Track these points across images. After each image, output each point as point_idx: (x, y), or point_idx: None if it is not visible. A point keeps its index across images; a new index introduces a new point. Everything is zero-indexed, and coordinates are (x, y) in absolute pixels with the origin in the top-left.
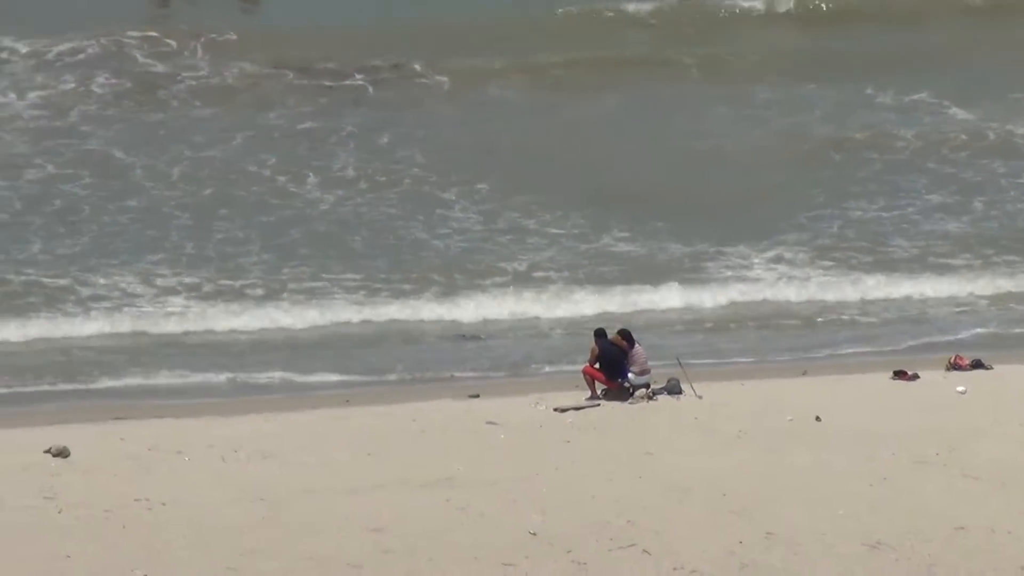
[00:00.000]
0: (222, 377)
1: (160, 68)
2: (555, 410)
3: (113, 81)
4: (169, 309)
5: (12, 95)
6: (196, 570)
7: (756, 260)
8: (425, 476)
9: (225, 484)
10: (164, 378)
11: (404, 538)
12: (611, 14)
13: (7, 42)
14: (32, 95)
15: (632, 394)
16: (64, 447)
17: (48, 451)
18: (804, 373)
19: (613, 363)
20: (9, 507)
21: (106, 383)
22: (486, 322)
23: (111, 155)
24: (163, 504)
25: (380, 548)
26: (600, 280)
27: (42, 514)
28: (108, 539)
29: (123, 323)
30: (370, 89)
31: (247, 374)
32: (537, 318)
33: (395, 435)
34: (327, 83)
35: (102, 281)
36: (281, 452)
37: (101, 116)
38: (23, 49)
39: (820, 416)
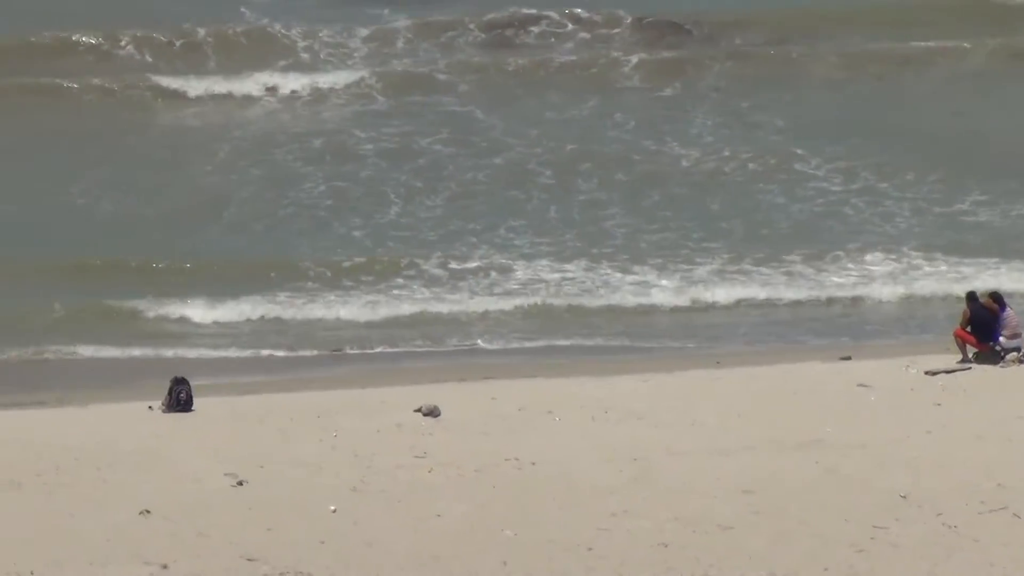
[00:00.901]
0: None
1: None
2: (926, 373)
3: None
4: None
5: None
6: (565, 530)
7: None
8: (795, 438)
9: (595, 444)
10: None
11: (774, 499)
12: None
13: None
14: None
15: (1003, 358)
16: (435, 406)
17: (419, 410)
18: None
19: (984, 326)
20: (381, 466)
21: (481, 345)
22: (856, 285)
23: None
24: (533, 464)
25: (750, 509)
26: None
27: (413, 473)
28: (478, 498)
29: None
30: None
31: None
32: (909, 282)
33: (765, 397)
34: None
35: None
36: (652, 413)
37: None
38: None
39: None
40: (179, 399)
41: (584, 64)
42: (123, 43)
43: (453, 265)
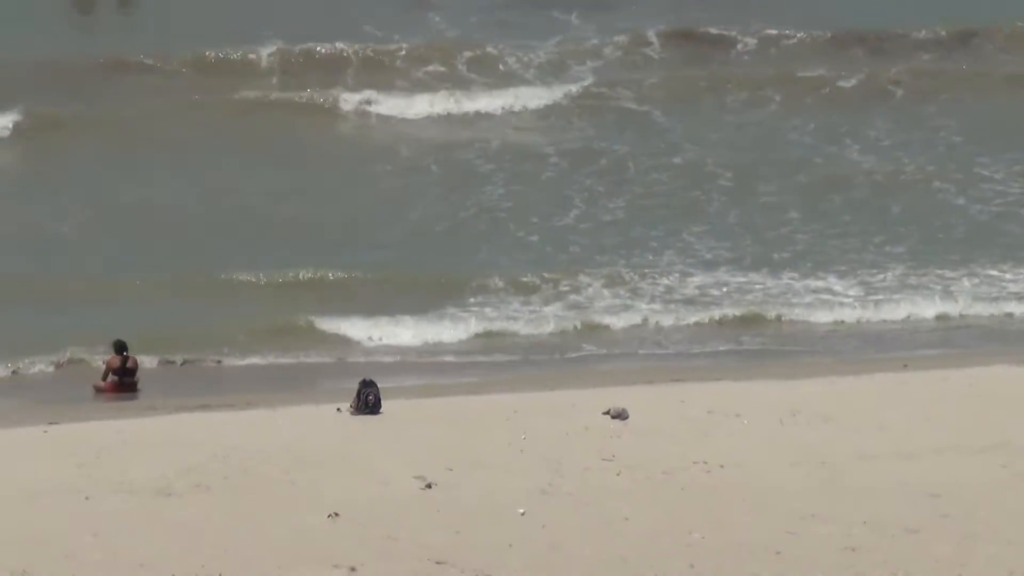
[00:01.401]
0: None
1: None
2: None
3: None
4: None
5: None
6: (754, 533)
7: None
8: (982, 441)
9: (783, 447)
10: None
11: (961, 503)
12: None
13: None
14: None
15: None
16: (623, 409)
17: (608, 413)
18: None
19: None
20: (569, 469)
21: (667, 348)
22: None
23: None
24: (721, 467)
25: (937, 512)
26: None
27: (601, 476)
28: (666, 501)
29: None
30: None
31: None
32: None
33: (952, 400)
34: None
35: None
36: (839, 416)
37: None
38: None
39: None
40: (367, 401)
41: (763, 71)
42: (313, 57)
43: (634, 270)
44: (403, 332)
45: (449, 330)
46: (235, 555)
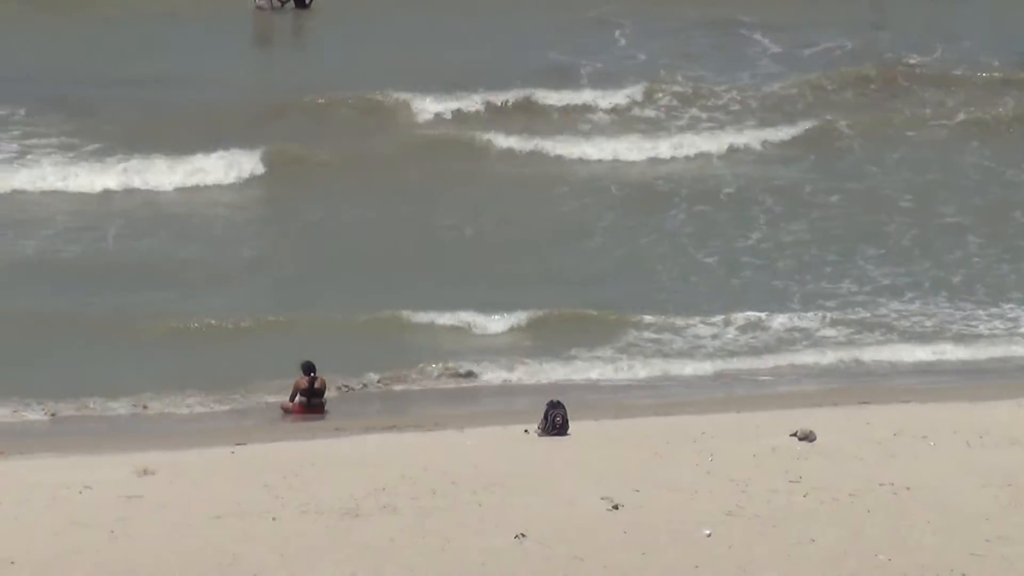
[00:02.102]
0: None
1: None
2: None
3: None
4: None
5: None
6: (940, 555)
7: None
8: None
9: (970, 470)
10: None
11: None
12: None
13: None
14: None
15: None
16: (810, 431)
17: (794, 435)
18: None
19: None
20: (756, 491)
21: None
22: None
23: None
24: (907, 489)
25: None
26: None
27: (788, 498)
28: (852, 523)
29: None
30: None
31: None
32: None
33: None
34: None
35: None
36: None
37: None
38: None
39: None
40: (555, 423)
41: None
42: (509, 106)
43: (814, 292)
44: (590, 364)
45: (635, 353)
46: None
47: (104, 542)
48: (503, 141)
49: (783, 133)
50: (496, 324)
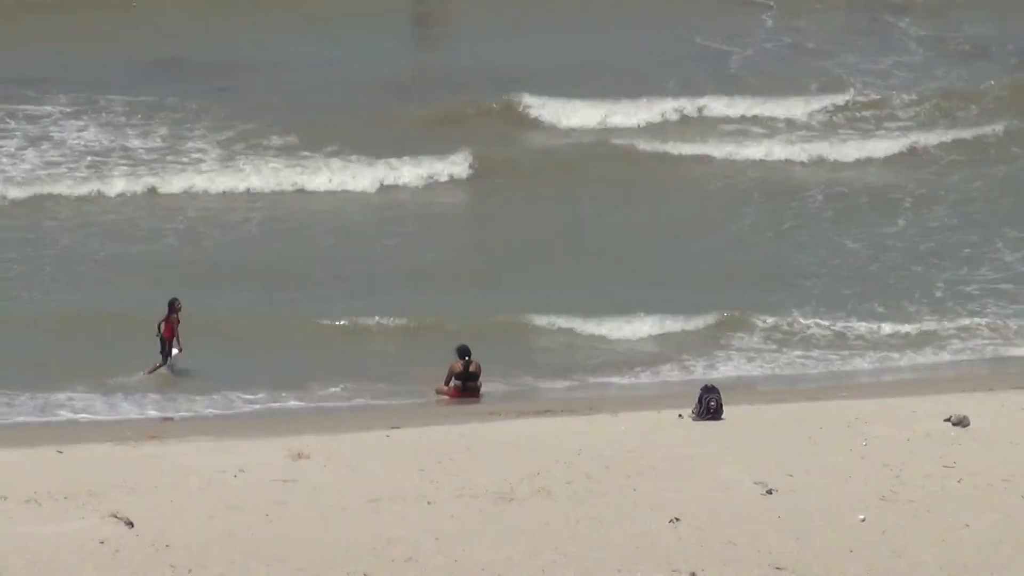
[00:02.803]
0: None
1: None
2: None
3: None
4: None
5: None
6: None
7: None
8: None
9: None
10: None
11: None
12: None
13: None
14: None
15: None
16: (964, 416)
17: (949, 420)
18: None
19: None
20: (910, 476)
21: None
22: None
23: None
24: None
25: None
26: None
27: (942, 483)
28: (1007, 509)
29: None
30: None
31: None
32: None
33: None
34: None
35: None
36: None
37: None
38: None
39: None
40: (709, 407)
41: None
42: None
43: (956, 277)
44: (747, 357)
45: (788, 331)
46: (575, 560)
47: (259, 525)
48: (671, 148)
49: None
50: (682, 324)
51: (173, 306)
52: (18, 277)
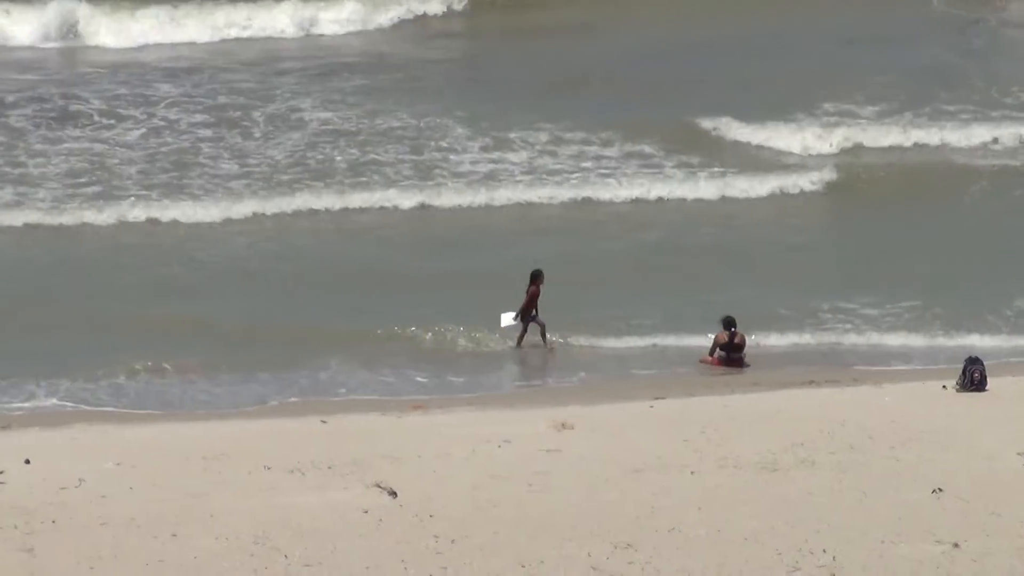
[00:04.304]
0: None
1: None
2: None
3: None
4: None
5: None
6: None
7: None
8: None
9: None
10: None
11: None
12: None
13: None
14: None
15: None
16: None
17: None
18: None
19: None
20: None
21: None
22: None
23: None
24: None
25: None
26: None
27: None
28: None
29: None
30: None
31: None
32: None
33: None
34: None
35: None
36: None
37: None
38: None
39: None
40: (973, 379)
41: None
42: None
43: None
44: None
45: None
46: (838, 530)
47: (522, 495)
48: None
49: None
50: None
51: (536, 278)
52: None
